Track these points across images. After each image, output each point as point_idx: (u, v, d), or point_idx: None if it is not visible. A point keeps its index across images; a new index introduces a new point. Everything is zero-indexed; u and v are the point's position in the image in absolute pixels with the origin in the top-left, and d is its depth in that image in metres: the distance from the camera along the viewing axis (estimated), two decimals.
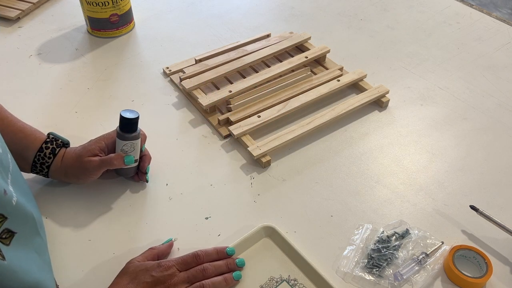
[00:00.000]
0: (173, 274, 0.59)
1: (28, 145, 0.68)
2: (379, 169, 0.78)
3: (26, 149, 0.68)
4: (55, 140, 0.70)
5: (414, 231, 0.67)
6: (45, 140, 0.69)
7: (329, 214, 0.71)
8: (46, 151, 0.68)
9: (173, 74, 0.96)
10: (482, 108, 0.90)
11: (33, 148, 0.68)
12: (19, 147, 0.67)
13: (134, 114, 0.68)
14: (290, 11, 1.17)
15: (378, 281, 0.62)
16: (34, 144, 0.68)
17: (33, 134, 0.69)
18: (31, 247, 0.55)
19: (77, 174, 0.69)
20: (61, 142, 0.70)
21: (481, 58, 1.02)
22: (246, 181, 0.76)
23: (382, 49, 1.05)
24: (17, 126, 0.69)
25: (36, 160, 0.68)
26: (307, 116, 0.86)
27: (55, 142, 0.69)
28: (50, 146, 0.69)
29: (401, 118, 0.87)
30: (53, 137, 0.70)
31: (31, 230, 0.57)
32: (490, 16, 1.16)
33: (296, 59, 0.95)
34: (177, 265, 0.60)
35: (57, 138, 0.70)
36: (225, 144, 0.82)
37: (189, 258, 0.61)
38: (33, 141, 0.69)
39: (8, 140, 0.63)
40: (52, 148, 0.69)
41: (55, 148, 0.69)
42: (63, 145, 0.70)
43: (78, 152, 0.69)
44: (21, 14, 1.12)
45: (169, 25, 1.12)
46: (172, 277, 0.58)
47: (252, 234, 0.66)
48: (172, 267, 0.59)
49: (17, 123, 0.69)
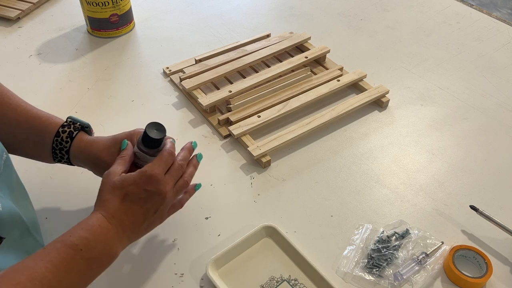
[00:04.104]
0: (163, 180, 0.56)
1: (44, 131, 0.63)
2: (379, 169, 0.78)
3: (43, 136, 0.63)
4: (72, 123, 0.64)
5: (414, 231, 0.67)
6: (62, 124, 0.64)
7: (329, 214, 0.71)
8: (63, 135, 0.63)
9: (173, 74, 0.96)
10: (482, 108, 0.90)
11: (49, 134, 0.63)
12: (36, 135, 0.63)
13: (160, 132, 0.60)
14: (290, 11, 1.17)
15: (378, 281, 0.62)
16: (51, 129, 0.63)
17: (50, 120, 0.64)
18: (23, 250, 0.55)
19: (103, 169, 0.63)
20: (79, 125, 0.64)
21: (481, 58, 1.02)
22: (246, 181, 0.76)
23: (382, 49, 1.05)
24: (32, 114, 0.64)
25: (55, 146, 0.63)
26: (307, 116, 0.86)
27: (72, 126, 0.64)
28: (67, 129, 0.63)
29: (401, 118, 0.87)
30: (71, 121, 0.64)
31: (22, 233, 0.56)
32: (490, 16, 1.16)
33: (296, 59, 0.95)
34: (163, 171, 0.57)
35: (75, 121, 0.65)
36: (225, 144, 0.82)
37: (167, 157, 0.59)
38: (50, 126, 0.64)
39: (24, 129, 0.62)
40: (69, 132, 0.63)
41: (72, 131, 0.63)
42: (82, 128, 0.65)
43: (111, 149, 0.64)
44: (21, 14, 1.12)
45: (169, 25, 1.12)
46: (164, 184, 0.56)
47: (252, 234, 0.66)
48: (160, 175, 0.56)
49: (32, 110, 0.64)
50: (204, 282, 0.62)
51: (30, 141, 0.63)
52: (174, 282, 0.62)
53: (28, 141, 0.64)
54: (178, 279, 0.63)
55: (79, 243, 0.49)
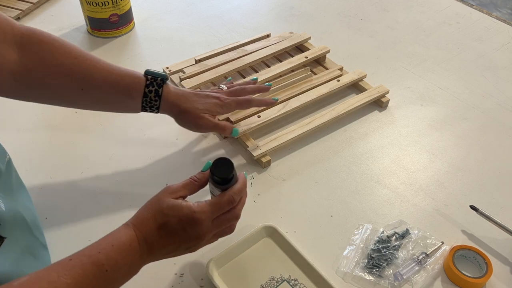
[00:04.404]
0: (206, 227, 0.53)
1: (131, 92, 0.68)
2: (379, 169, 0.78)
3: (131, 98, 0.68)
4: (154, 80, 0.68)
5: (414, 231, 0.67)
6: (146, 84, 0.68)
7: (329, 214, 0.71)
8: (150, 95, 0.68)
9: (173, 74, 0.95)
10: (482, 108, 0.90)
11: (137, 95, 0.68)
12: (123, 96, 0.68)
13: (227, 170, 0.55)
14: (290, 11, 1.17)
15: (378, 281, 0.62)
16: (137, 91, 0.68)
17: (133, 80, 0.68)
18: (24, 250, 0.55)
19: (187, 122, 0.72)
20: (161, 80, 0.69)
21: (481, 58, 1.02)
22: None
23: (382, 49, 1.05)
24: (116, 75, 0.67)
25: (144, 105, 0.69)
26: (307, 116, 0.86)
27: (155, 83, 0.68)
28: (152, 89, 0.68)
29: (401, 118, 0.87)
30: (152, 77, 0.68)
31: (23, 232, 0.56)
32: (490, 16, 1.16)
33: (296, 59, 0.95)
34: (211, 217, 0.54)
35: (155, 76, 0.69)
36: (225, 144, 0.82)
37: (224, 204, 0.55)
38: (135, 88, 0.68)
39: (111, 92, 0.66)
40: (155, 90, 0.68)
41: (157, 89, 0.68)
42: (163, 82, 0.69)
43: (195, 105, 0.71)
44: (21, 14, 1.12)
45: (169, 25, 1.12)
46: (205, 231, 0.53)
47: (253, 234, 0.66)
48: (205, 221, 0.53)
49: (114, 71, 0.67)
50: (204, 282, 0.62)
51: (118, 103, 0.69)
52: (174, 282, 0.62)
53: (116, 103, 0.69)
54: (178, 279, 0.63)
55: (106, 263, 0.47)
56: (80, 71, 0.64)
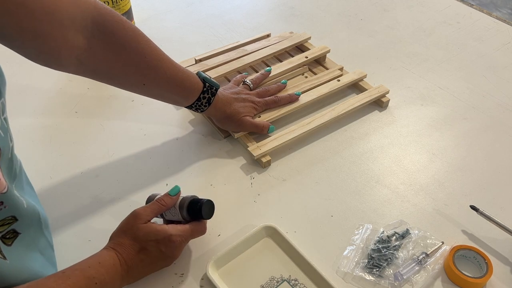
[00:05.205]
0: (180, 247, 0.61)
1: (188, 95, 0.73)
2: (379, 169, 0.78)
3: (186, 99, 0.73)
4: (210, 88, 0.74)
5: (414, 231, 0.67)
6: (202, 90, 0.73)
7: (329, 214, 0.71)
8: (203, 101, 0.74)
9: None
10: (482, 108, 0.90)
11: (192, 97, 0.73)
12: (179, 96, 0.72)
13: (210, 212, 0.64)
14: (290, 11, 1.17)
15: (378, 281, 0.62)
16: (193, 95, 0.73)
17: (192, 85, 0.72)
18: (34, 247, 0.56)
19: (229, 124, 0.79)
20: (215, 89, 0.75)
21: (481, 58, 1.02)
22: (246, 181, 0.76)
23: (382, 49, 1.05)
24: (178, 79, 0.70)
25: (193, 106, 0.74)
26: (307, 116, 0.86)
27: (210, 91, 0.74)
28: (206, 96, 0.74)
29: (401, 118, 0.87)
30: (209, 85, 0.74)
31: (36, 230, 0.58)
32: (490, 16, 1.16)
33: (296, 59, 0.95)
34: (185, 240, 0.61)
35: (211, 85, 0.74)
36: (225, 144, 0.82)
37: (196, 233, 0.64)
38: (193, 92, 0.73)
39: (170, 93, 0.71)
40: (208, 98, 0.74)
41: (211, 97, 0.74)
42: (216, 91, 0.75)
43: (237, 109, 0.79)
44: None
45: (169, 25, 1.12)
46: (179, 250, 0.61)
47: (253, 234, 0.66)
48: (180, 243, 0.60)
49: (177, 75, 0.70)
50: (204, 282, 0.62)
51: (172, 100, 0.74)
52: (174, 282, 0.62)
53: (170, 100, 0.74)
54: (178, 279, 0.62)
55: (96, 276, 0.52)
56: (146, 69, 0.66)
